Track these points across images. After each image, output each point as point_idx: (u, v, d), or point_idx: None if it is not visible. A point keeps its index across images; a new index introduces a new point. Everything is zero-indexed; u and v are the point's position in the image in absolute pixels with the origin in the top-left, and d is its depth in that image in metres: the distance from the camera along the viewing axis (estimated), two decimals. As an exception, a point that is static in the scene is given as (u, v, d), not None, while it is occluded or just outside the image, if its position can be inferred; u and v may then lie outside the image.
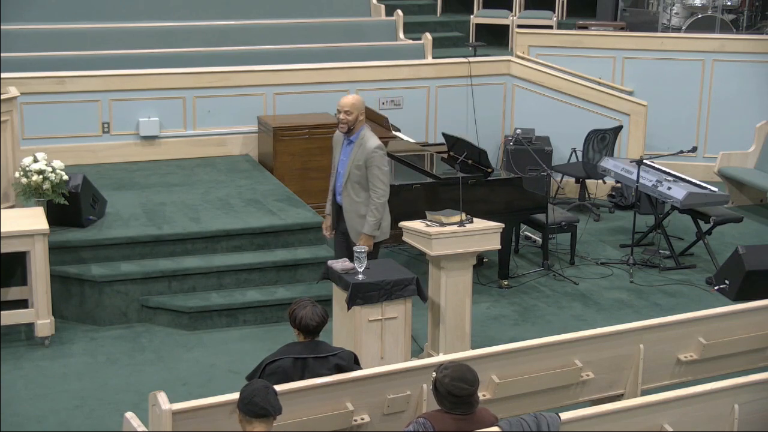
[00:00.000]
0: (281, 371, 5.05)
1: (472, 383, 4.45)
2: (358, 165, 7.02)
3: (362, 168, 7.01)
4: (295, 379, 5.02)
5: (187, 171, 9.63)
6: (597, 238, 9.85)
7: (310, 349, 5.16)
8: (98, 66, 9.93)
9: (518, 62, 11.20)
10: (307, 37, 11.30)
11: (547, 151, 10.68)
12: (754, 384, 5.18)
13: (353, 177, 7.05)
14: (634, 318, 7.14)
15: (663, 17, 13.53)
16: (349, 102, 7.02)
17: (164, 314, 7.70)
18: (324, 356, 5.14)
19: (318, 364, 5.11)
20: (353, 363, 5.23)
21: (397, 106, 10.50)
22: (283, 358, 5.11)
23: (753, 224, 10.31)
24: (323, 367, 5.10)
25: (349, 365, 5.18)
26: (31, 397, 6.58)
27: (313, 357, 5.12)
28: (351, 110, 6.97)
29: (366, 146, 7.00)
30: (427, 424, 4.44)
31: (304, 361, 5.10)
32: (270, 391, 4.34)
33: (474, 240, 6.86)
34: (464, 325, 6.94)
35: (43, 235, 7.10)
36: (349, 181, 7.07)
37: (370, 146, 6.99)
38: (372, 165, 6.98)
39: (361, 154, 7.00)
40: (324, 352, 5.17)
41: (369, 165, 6.99)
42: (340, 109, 7.02)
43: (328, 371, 5.08)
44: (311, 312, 5.15)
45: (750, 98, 11.35)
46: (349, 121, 6.99)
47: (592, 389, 5.73)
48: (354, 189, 7.06)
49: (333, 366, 5.12)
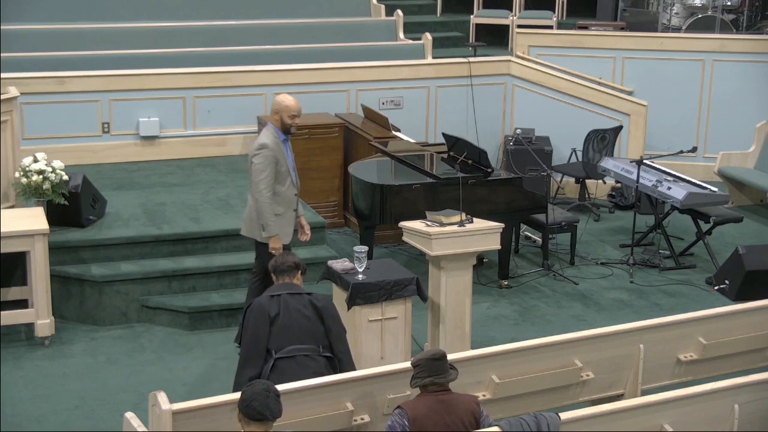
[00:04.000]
0: (258, 306, 5.51)
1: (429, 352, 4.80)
2: None
3: None
4: (272, 314, 5.48)
5: (187, 171, 9.63)
6: (597, 238, 9.85)
7: (285, 288, 5.65)
8: (98, 66, 9.94)
9: (518, 62, 11.20)
10: (307, 37, 11.30)
11: (547, 151, 10.68)
12: (754, 384, 5.19)
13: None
14: (634, 318, 7.13)
15: (663, 17, 13.53)
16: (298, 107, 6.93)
17: (164, 314, 7.70)
18: (299, 293, 5.61)
19: (293, 299, 5.55)
20: (330, 303, 5.69)
21: (397, 106, 10.50)
22: (260, 297, 5.64)
23: (753, 224, 10.31)
24: (299, 303, 5.55)
25: (325, 306, 5.58)
26: (31, 397, 6.58)
27: (288, 293, 5.59)
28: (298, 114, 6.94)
29: None
30: (402, 413, 4.63)
31: (278, 297, 5.56)
32: (270, 395, 4.34)
33: (474, 240, 6.86)
34: (464, 325, 6.94)
35: (43, 235, 7.10)
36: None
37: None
38: None
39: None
40: (298, 290, 5.65)
41: None
42: (297, 115, 6.88)
43: (303, 307, 5.54)
44: (282, 257, 5.83)
45: (750, 98, 11.35)
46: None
47: (592, 389, 5.73)
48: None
49: (308, 303, 5.57)
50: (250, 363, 5.46)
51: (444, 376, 4.74)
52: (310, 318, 5.52)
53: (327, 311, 5.57)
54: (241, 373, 5.48)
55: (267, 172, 6.77)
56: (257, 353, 5.46)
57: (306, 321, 5.50)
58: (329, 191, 9.71)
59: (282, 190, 6.90)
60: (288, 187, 6.94)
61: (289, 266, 5.74)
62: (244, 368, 5.48)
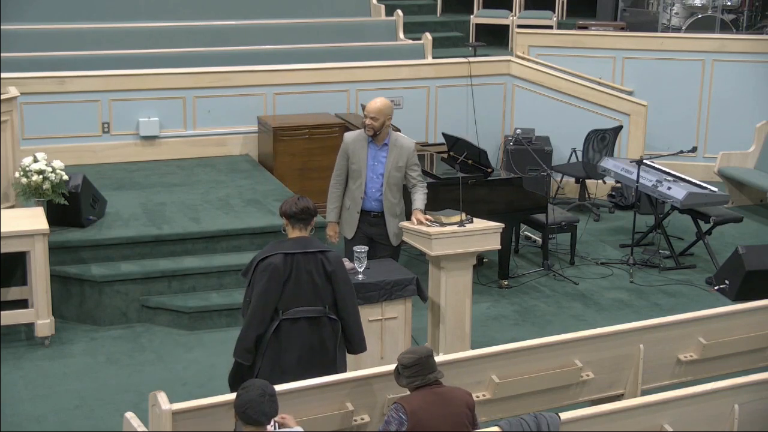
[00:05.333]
0: (272, 267, 5.39)
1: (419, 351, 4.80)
2: (398, 167, 7.06)
3: (402, 169, 7.07)
4: (284, 275, 5.40)
5: (187, 171, 9.63)
6: (597, 238, 9.85)
7: (299, 245, 5.49)
8: (98, 66, 9.93)
9: (518, 62, 11.20)
10: (307, 37, 11.29)
11: (547, 151, 10.68)
12: (754, 384, 5.19)
13: (392, 179, 7.07)
14: (634, 318, 7.13)
15: (663, 17, 13.53)
16: (376, 108, 6.97)
17: (164, 314, 7.70)
18: (312, 252, 5.48)
19: (305, 259, 5.45)
20: (341, 265, 5.58)
21: (397, 106, 10.48)
22: (274, 254, 5.44)
23: (753, 224, 10.31)
24: (310, 263, 5.45)
25: (334, 270, 5.50)
26: (31, 397, 6.58)
27: (301, 252, 5.45)
28: (377, 116, 6.96)
29: (405, 146, 7.08)
30: (399, 407, 4.63)
31: (293, 257, 5.43)
32: (265, 399, 4.35)
33: (474, 240, 6.86)
34: (464, 325, 6.94)
35: (43, 235, 7.10)
36: (388, 184, 7.06)
37: (410, 145, 7.13)
38: (413, 163, 7.12)
39: (401, 155, 7.05)
40: (312, 248, 5.50)
41: (410, 163, 7.10)
42: (366, 114, 7.00)
43: (315, 268, 5.45)
44: (294, 200, 5.60)
45: (750, 98, 11.35)
46: (375, 126, 6.99)
47: (592, 389, 5.73)
48: (392, 191, 7.09)
49: (320, 263, 5.47)
50: (256, 321, 5.42)
51: (438, 370, 4.77)
52: (320, 280, 5.47)
53: (335, 275, 5.50)
54: (247, 331, 5.45)
55: (336, 165, 7.14)
56: (266, 313, 5.42)
57: (315, 283, 5.46)
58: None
59: (353, 188, 7.11)
60: (357, 187, 7.08)
61: (309, 215, 5.55)
62: (250, 327, 5.44)
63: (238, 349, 5.47)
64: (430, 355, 4.78)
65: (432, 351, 4.85)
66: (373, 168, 7.05)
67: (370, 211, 7.09)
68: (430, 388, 4.72)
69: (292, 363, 5.44)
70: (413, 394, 4.73)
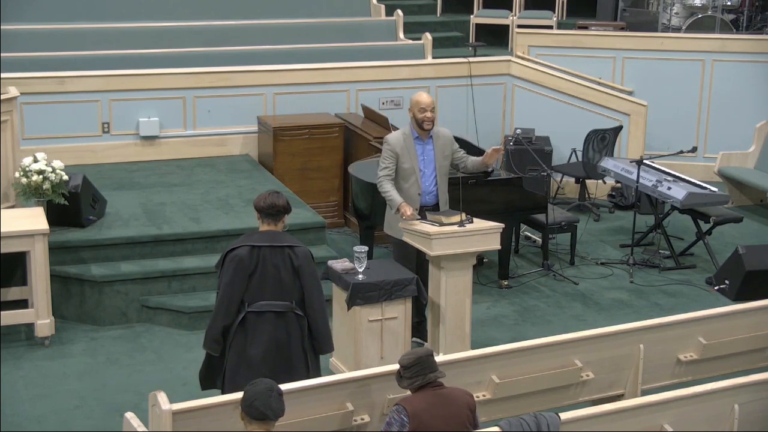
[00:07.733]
0: (238, 259, 5.46)
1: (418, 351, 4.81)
2: (445, 156, 7.19)
3: (448, 158, 7.21)
4: (250, 267, 5.45)
5: (187, 171, 9.63)
6: (597, 238, 9.85)
7: (267, 238, 5.52)
8: (98, 66, 9.93)
9: (518, 62, 11.19)
10: (307, 37, 11.29)
11: (547, 151, 10.68)
12: (754, 384, 5.19)
13: (443, 170, 7.21)
14: (634, 318, 7.14)
15: (663, 17, 13.53)
16: (432, 101, 7.08)
17: (164, 314, 7.70)
18: (279, 246, 5.50)
19: (272, 252, 5.48)
20: (308, 261, 5.57)
21: (397, 106, 10.49)
22: (241, 246, 5.51)
23: (753, 224, 10.31)
24: (277, 256, 5.48)
25: (300, 265, 5.50)
26: (31, 397, 6.58)
27: (268, 246, 5.48)
28: (434, 109, 7.08)
29: (445, 135, 7.20)
30: (401, 409, 4.63)
31: (259, 249, 5.48)
32: (273, 394, 4.36)
33: (474, 240, 6.86)
34: (464, 325, 6.94)
35: (43, 235, 7.10)
36: (440, 175, 7.19)
37: (448, 133, 7.25)
38: (456, 148, 7.25)
39: (445, 144, 7.18)
40: (280, 242, 5.52)
41: (454, 149, 7.24)
42: (425, 108, 7.02)
43: (282, 262, 5.48)
44: (265, 195, 5.59)
45: (750, 98, 11.35)
46: (434, 118, 7.09)
47: (592, 389, 5.73)
48: (444, 181, 7.22)
49: (287, 258, 5.49)
50: (223, 312, 5.52)
51: (439, 371, 4.76)
52: (287, 275, 5.50)
53: (302, 270, 5.53)
54: (214, 321, 5.56)
55: (382, 165, 7.08)
56: (232, 304, 5.51)
57: (281, 277, 5.50)
58: (329, 191, 9.71)
59: (405, 187, 7.12)
60: (411, 185, 7.12)
61: (277, 211, 5.56)
62: (217, 317, 5.54)
63: (207, 340, 5.59)
64: (430, 355, 4.78)
65: (432, 351, 4.85)
66: (425, 163, 7.14)
67: (426, 205, 7.18)
68: (431, 389, 4.72)
69: (258, 356, 5.50)
70: (414, 396, 4.73)
